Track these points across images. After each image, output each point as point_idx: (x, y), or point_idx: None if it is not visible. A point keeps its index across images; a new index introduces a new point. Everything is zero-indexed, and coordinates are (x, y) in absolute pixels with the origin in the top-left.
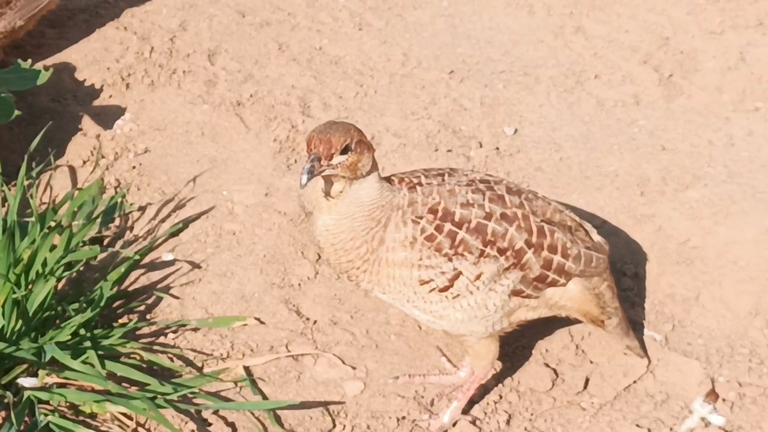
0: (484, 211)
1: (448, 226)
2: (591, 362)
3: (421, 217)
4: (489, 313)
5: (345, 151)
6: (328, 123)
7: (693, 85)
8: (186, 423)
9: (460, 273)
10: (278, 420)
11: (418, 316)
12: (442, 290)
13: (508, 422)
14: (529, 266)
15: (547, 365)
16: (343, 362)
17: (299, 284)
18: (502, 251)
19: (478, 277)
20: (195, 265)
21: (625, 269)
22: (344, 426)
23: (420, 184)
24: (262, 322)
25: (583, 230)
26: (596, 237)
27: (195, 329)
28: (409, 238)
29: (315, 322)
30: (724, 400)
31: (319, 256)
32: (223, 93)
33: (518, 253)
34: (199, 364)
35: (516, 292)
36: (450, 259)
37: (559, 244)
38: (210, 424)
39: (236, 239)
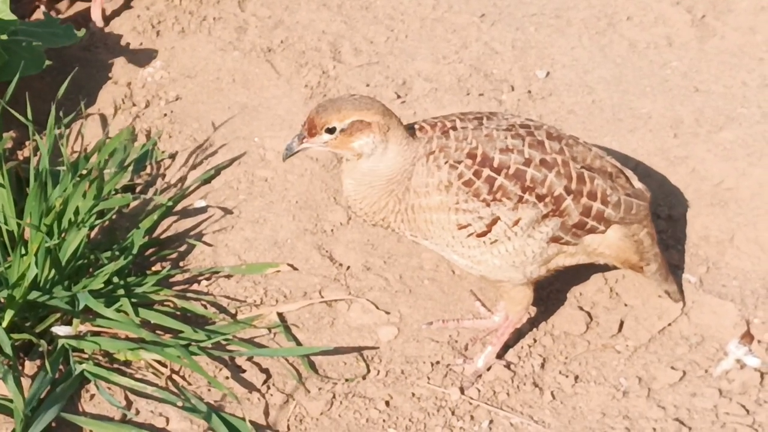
0: (524, 156)
1: (486, 172)
2: (625, 305)
3: (459, 162)
4: (527, 260)
5: (331, 131)
6: (333, 99)
7: (726, 26)
8: (220, 370)
9: (498, 218)
10: (312, 366)
11: (457, 261)
12: (480, 235)
13: (542, 366)
14: (568, 213)
15: (581, 308)
16: (377, 307)
17: (332, 230)
18: (540, 197)
19: (516, 223)
20: (227, 212)
21: (659, 212)
22: (378, 371)
23: (454, 128)
24: (295, 269)
25: (624, 177)
26: (637, 184)
27: (228, 276)
28: (444, 182)
29: (348, 267)
30: (759, 341)
31: None
32: (254, 39)
33: (557, 200)
34: (233, 311)
35: (554, 239)
36: (488, 204)
37: (598, 191)
38: (244, 371)
39: (268, 185)
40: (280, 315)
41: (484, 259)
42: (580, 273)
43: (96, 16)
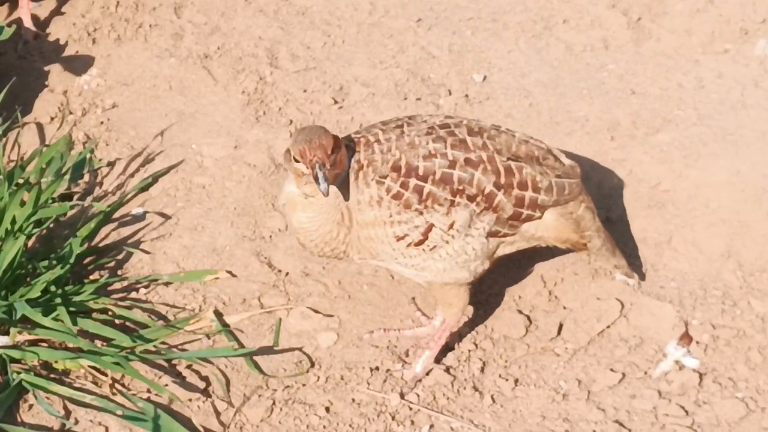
0: (447, 159)
1: (413, 182)
2: (564, 308)
3: (385, 176)
4: (470, 258)
5: (334, 150)
6: (304, 130)
7: (662, 28)
8: (160, 377)
9: (433, 225)
10: (257, 366)
11: (403, 272)
12: (418, 244)
13: (482, 370)
14: (502, 207)
15: (520, 312)
16: (317, 313)
17: (270, 236)
18: (471, 198)
19: (450, 227)
20: (165, 220)
21: (597, 214)
22: (318, 377)
23: (378, 141)
24: (233, 275)
25: (552, 156)
26: (566, 161)
27: (167, 284)
28: (375, 198)
29: (287, 273)
30: (697, 342)
31: None
32: (190, 46)
33: (488, 197)
34: (172, 319)
35: (492, 234)
36: (421, 213)
37: (528, 180)
38: (184, 378)
39: (206, 192)
40: (220, 321)
41: (427, 266)
42: (519, 275)
43: (27, 22)
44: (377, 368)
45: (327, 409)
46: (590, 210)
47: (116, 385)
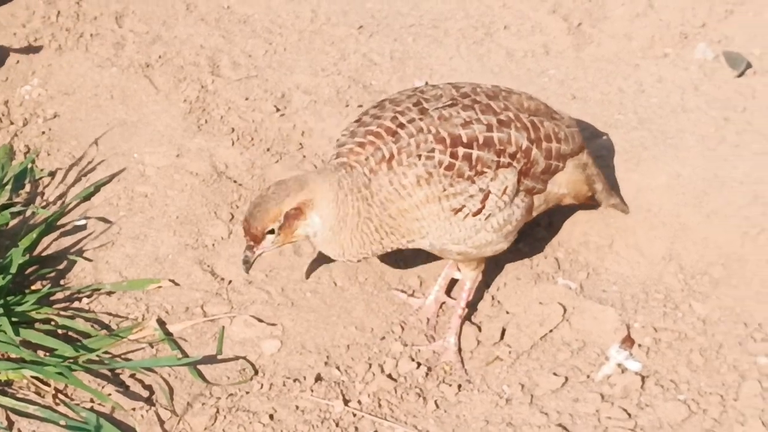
0: (484, 124)
1: (461, 150)
2: (507, 312)
3: (432, 151)
4: (512, 229)
5: (272, 231)
6: (253, 203)
7: (602, 33)
8: (103, 387)
9: (489, 192)
10: (201, 375)
11: (452, 248)
12: (475, 214)
13: (426, 375)
14: (536, 161)
15: (471, 322)
16: (260, 321)
17: (213, 244)
18: (513, 156)
19: (504, 192)
20: (108, 229)
21: (539, 219)
22: (262, 385)
23: (402, 125)
24: (176, 284)
25: (551, 109)
26: (563, 114)
27: (109, 293)
28: (423, 175)
29: (230, 282)
30: (639, 345)
31: (233, 216)
32: (132, 55)
33: (526, 152)
34: (115, 328)
35: (529, 190)
36: (473, 181)
37: (551, 132)
38: (128, 387)
39: (148, 201)
40: (164, 330)
41: (479, 238)
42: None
43: None
44: (320, 377)
45: (271, 417)
46: (592, 156)
47: (59, 395)
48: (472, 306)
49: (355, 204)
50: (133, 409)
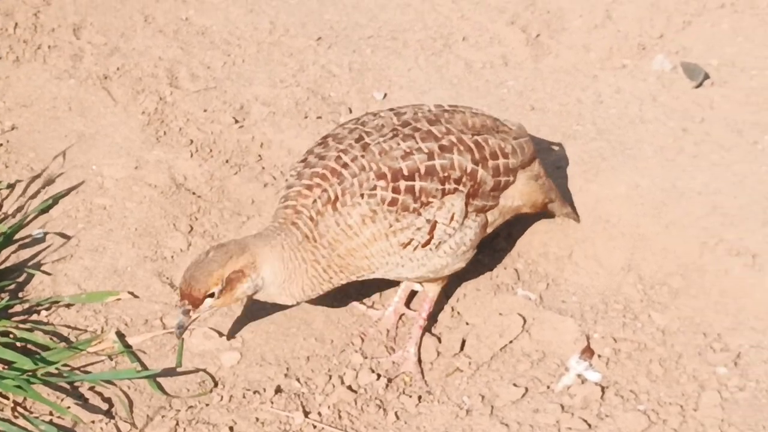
0: (424, 153)
1: (403, 183)
2: (467, 324)
3: (374, 188)
4: (468, 248)
5: (212, 295)
6: (192, 265)
7: (560, 45)
8: (62, 400)
9: (436, 222)
10: (160, 387)
11: (407, 275)
12: (425, 245)
13: (386, 387)
14: (484, 180)
15: (431, 334)
16: (219, 334)
17: (172, 256)
18: (458, 181)
19: (451, 219)
20: (66, 241)
21: (499, 231)
22: (221, 397)
23: (345, 165)
24: (135, 296)
25: (500, 123)
26: (512, 125)
27: (68, 305)
28: (368, 214)
29: None
30: (599, 356)
31: (192, 228)
32: (90, 67)
33: (472, 175)
34: (74, 341)
35: (480, 209)
36: (419, 213)
37: (497, 149)
38: (87, 400)
39: (107, 213)
40: (123, 341)
41: (433, 264)
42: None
43: None
44: (280, 389)
45: (231, 429)
46: (542, 166)
47: (18, 408)
48: (432, 317)
49: (299, 255)
50: (93, 422)
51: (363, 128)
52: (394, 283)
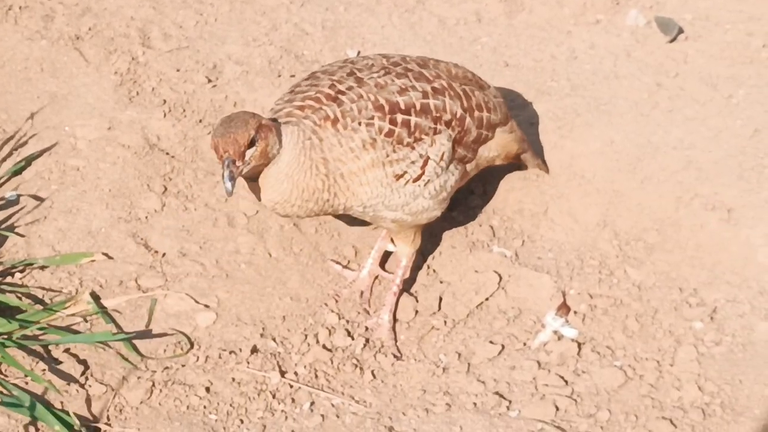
0: (419, 91)
1: (400, 117)
2: (442, 282)
3: (371, 117)
4: (446, 195)
5: (252, 143)
6: (225, 120)
7: (534, 0)
8: (37, 363)
9: (429, 158)
10: (136, 349)
11: (387, 216)
12: (416, 180)
13: (364, 346)
14: (469, 129)
15: (409, 294)
16: (194, 294)
17: (146, 217)
18: (448, 123)
19: (441, 157)
20: (40, 203)
21: (473, 187)
22: (197, 358)
23: (341, 92)
24: (110, 257)
25: (477, 77)
26: (488, 83)
27: (42, 267)
28: (368, 140)
29: (164, 254)
30: (575, 312)
31: (166, 188)
32: (61, 27)
33: (460, 120)
34: (48, 302)
35: (460, 159)
36: (413, 147)
37: (482, 101)
38: (61, 363)
39: (80, 175)
40: (98, 302)
41: (416, 205)
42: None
43: None
44: (256, 348)
45: (207, 389)
46: (516, 123)
47: None
48: (407, 278)
49: (308, 146)
50: (68, 384)
51: (353, 65)
52: (369, 241)
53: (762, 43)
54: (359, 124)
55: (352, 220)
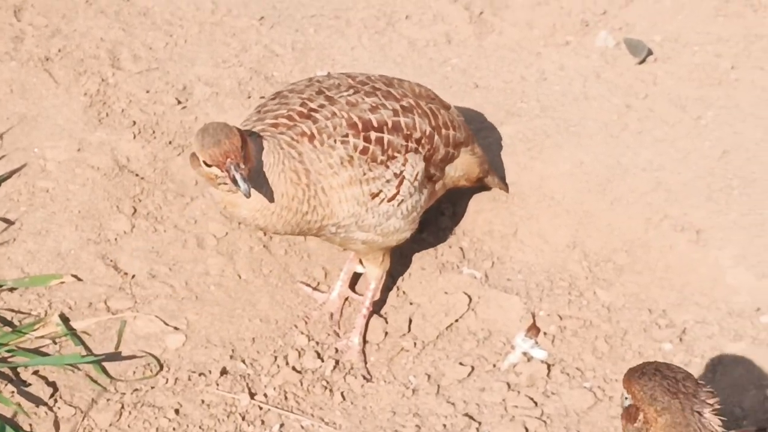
0: (389, 109)
1: (374, 134)
2: (411, 303)
3: (346, 135)
4: (416, 215)
5: (243, 145)
6: (206, 132)
7: (504, 22)
8: (6, 385)
9: (404, 177)
10: (105, 370)
11: (359, 236)
12: (390, 199)
13: (334, 368)
14: (437, 148)
15: (379, 315)
16: (164, 316)
17: (116, 239)
18: (418, 141)
19: (416, 177)
20: (9, 225)
21: (443, 209)
22: (167, 380)
23: (314, 110)
24: (79, 279)
25: (439, 98)
26: (448, 103)
27: (11, 289)
28: (346, 158)
29: (133, 276)
30: (545, 333)
31: (135, 210)
32: (31, 49)
33: (429, 138)
34: (17, 324)
35: (430, 177)
36: (387, 166)
37: (447, 120)
38: (29, 385)
39: (50, 196)
40: (67, 324)
41: (388, 225)
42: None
43: None
44: (225, 371)
45: (176, 411)
46: (478, 143)
47: None
48: (377, 300)
49: (284, 156)
50: (37, 406)
51: (320, 84)
52: (339, 262)
53: (730, 65)
54: (335, 141)
55: (322, 242)
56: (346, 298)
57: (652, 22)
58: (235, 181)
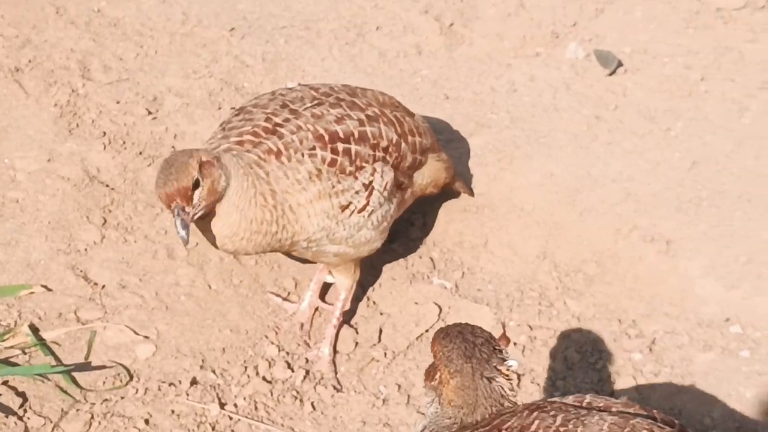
0: (355, 119)
1: (341, 146)
2: (382, 313)
3: (313, 148)
4: (387, 225)
5: (197, 185)
6: (165, 167)
7: (474, 33)
8: None
9: (373, 187)
10: (75, 381)
11: (331, 249)
12: (360, 210)
13: (304, 378)
14: (404, 155)
15: (350, 325)
16: (134, 326)
17: (86, 249)
18: (386, 150)
19: (385, 187)
20: None
21: (413, 219)
22: (137, 390)
23: (279, 125)
24: (49, 289)
25: (403, 106)
26: (412, 111)
27: None
28: (314, 172)
29: (103, 286)
30: (515, 344)
31: (105, 220)
32: (1, 60)
33: (396, 146)
34: None
35: (398, 185)
36: (355, 177)
37: (413, 127)
38: (0, 394)
39: (19, 207)
40: (36, 335)
41: (360, 236)
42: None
43: None
44: (195, 381)
45: (146, 422)
46: (444, 150)
47: None
48: (347, 311)
49: (251, 179)
50: (6, 416)
51: (284, 98)
52: (309, 273)
53: (700, 77)
54: (302, 155)
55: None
56: (317, 308)
57: (622, 34)
58: (175, 226)
